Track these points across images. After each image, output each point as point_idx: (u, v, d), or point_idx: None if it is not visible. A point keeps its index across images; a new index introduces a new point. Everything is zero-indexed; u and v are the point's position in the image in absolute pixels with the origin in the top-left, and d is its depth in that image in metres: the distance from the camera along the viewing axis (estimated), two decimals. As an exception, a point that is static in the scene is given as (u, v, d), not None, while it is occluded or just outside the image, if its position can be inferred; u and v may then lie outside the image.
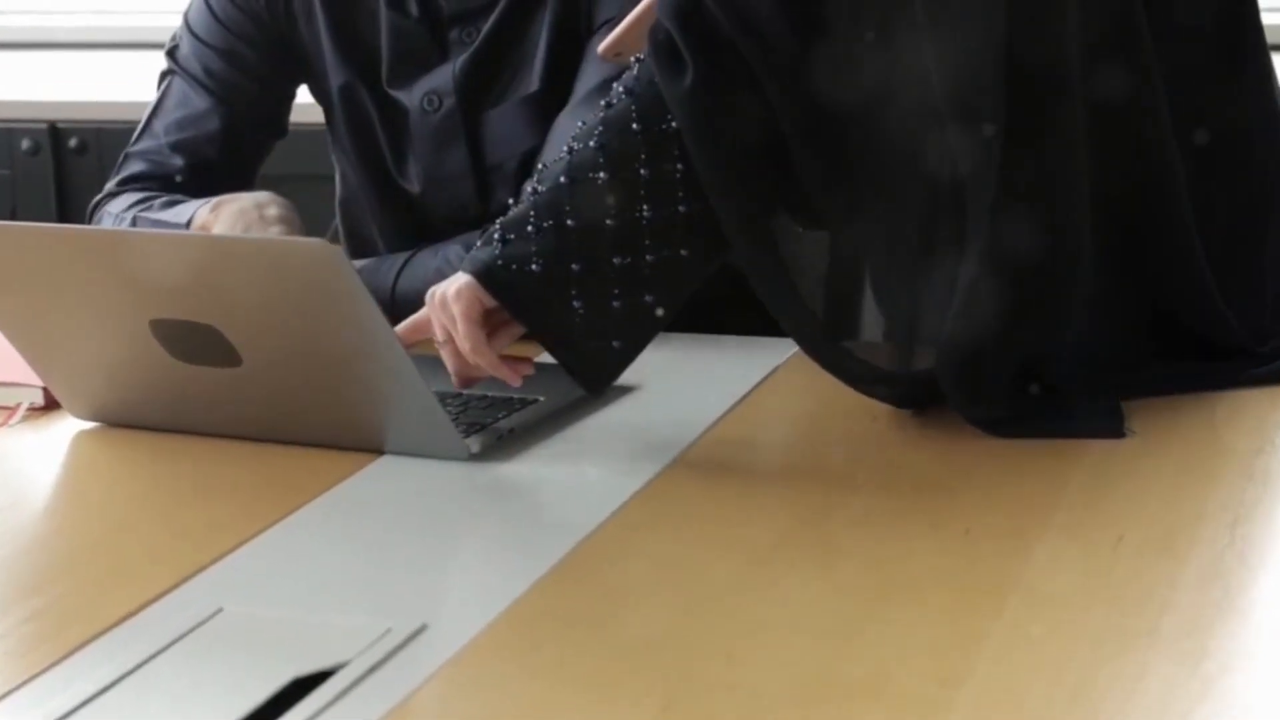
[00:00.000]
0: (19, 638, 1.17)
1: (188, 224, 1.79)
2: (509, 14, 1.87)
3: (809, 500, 1.37)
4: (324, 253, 1.34)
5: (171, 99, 1.95)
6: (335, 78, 1.92)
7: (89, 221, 1.90)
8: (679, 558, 1.27)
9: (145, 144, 1.94)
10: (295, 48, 1.94)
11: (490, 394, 1.55)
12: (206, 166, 1.91)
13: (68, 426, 1.57)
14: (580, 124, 1.50)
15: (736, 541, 1.30)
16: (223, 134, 1.92)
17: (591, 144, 1.45)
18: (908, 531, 1.30)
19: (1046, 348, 1.47)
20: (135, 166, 1.93)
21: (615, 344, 1.47)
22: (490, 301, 1.45)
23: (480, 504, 1.40)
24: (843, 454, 1.46)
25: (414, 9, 1.89)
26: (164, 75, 1.97)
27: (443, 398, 1.46)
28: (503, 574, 1.24)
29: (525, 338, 1.49)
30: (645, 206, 1.44)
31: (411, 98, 1.90)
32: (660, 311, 1.46)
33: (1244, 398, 1.51)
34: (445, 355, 1.48)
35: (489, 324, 1.46)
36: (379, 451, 1.46)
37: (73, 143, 3.04)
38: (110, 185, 1.93)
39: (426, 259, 1.82)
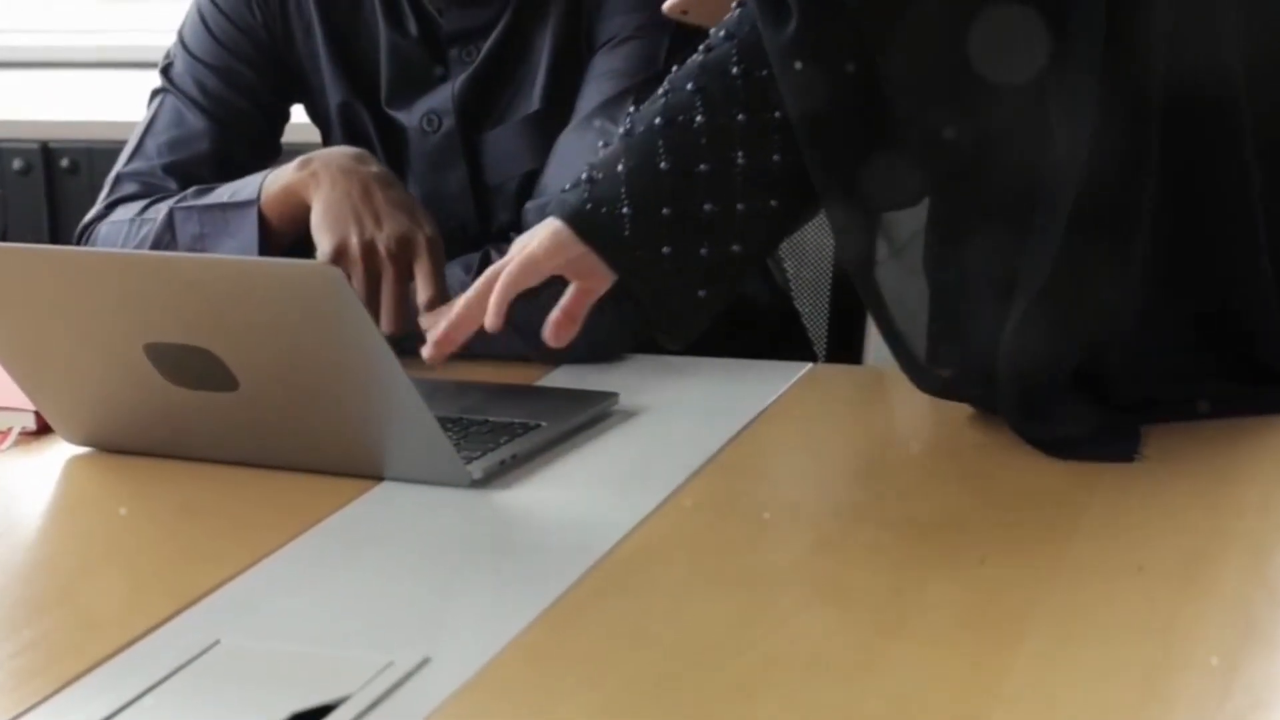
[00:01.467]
0: (9, 672, 1.13)
1: (259, 196, 1.75)
2: (509, 33, 1.84)
3: (820, 530, 1.34)
4: (325, 276, 1.31)
5: (164, 118, 1.92)
6: (333, 96, 1.90)
7: (78, 243, 1.86)
8: (688, 590, 1.24)
9: (137, 164, 1.91)
10: (292, 66, 1.91)
11: (491, 419, 1.51)
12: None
13: (60, 451, 1.53)
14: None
15: (747, 573, 1.26)
16: (217, 155, 1.89)
17: (689, 86, 1.41)
18: (922, 562, 1.27)
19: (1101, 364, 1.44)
20: (127, 188, 1.89)
21: (701, 293, 1.43)
22: (577, 248, 1.40)
23: (483, 533, 1.36)
24: (853, 482, 1.43)
25: (413, 28, 1.87)
26: (156, 93, 1.94)
27: (442, 423, 1.43)
28: (508, 606, 1.21)
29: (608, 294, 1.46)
30: (740, 153, 1.39)
31: (410, 118, 1.87)
32: (747, 262, 1.43)
33: (1265, 422, 1.48)
34: (462, 300, 1.42)
35: (572, 274, 1.42)
36: (378, 478, 1.43)
37: (64, 163, 3.01)
38: (99, 207, 1.89)
39: (425, 281, 1.78)
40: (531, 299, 1.72)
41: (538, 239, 1.42)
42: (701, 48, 1.44)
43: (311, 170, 1.73)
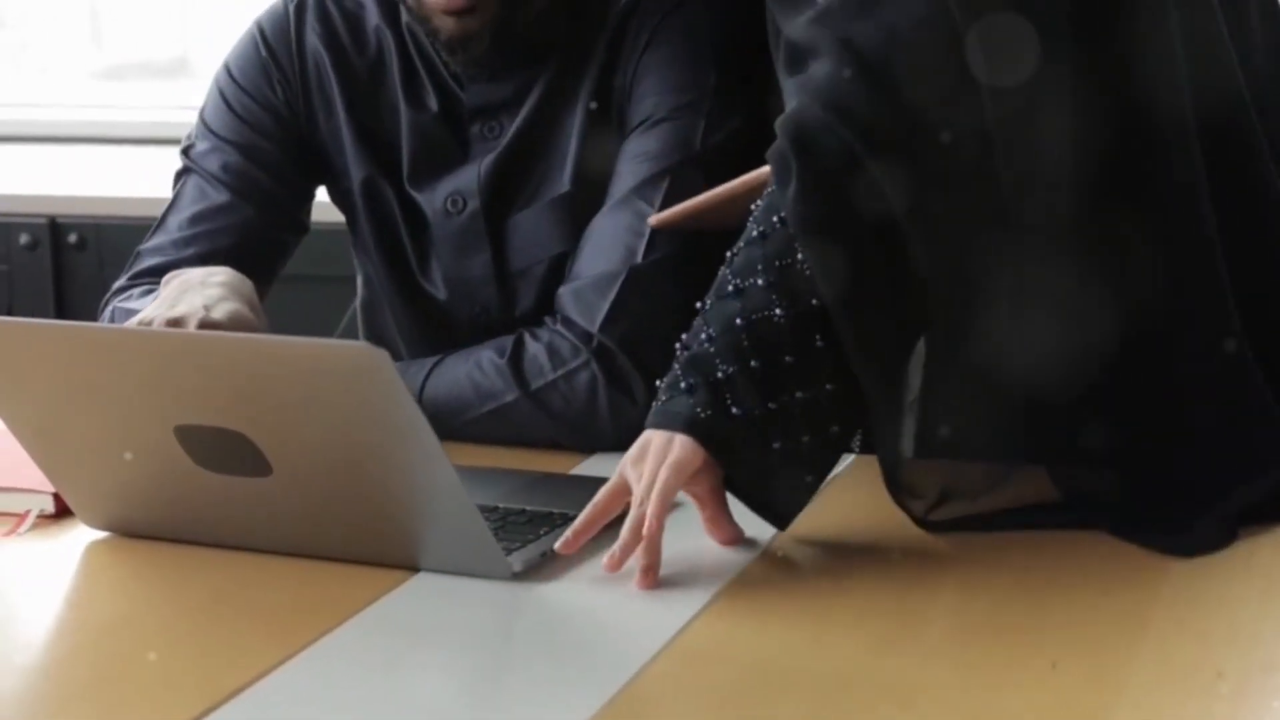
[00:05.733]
0: (35, 772, 1.07)
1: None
2: (537, 113, 1.80)
3: (879, 629, 1.28)
4: (368, 357, 1.25)
5: (188, 195, 1.88)
6: (356, 173, 1.86)
7: (99, 319, 1.81)
8: (742, 693, 1.18)
9: (158, 240, 1.87)
10: (315, 146, 1.87)
11: (528, 508, 1.46)
12: (221, 262, 1.83)
13: (80, 536, 1.48)
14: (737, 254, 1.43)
15: (803, 676, 1.21)
16: (239, 229, 1.84)
17: (760, 283, 1.39)
18: (990, 665, 1.21)
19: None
20: (147, 262, 1.85)
21: (809, 478, 1.41)
22: (699, 455, 1.38)
23: (525, 629, 1.31)
24: (911, 576, 1.38)
25: (433, 104, 1.83)
26: (179, 175, 1.90)
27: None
28: (553, 710, 1.15)
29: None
30: (819, 336, 1.38)
31: (434, 199, 1.83)
32: (845, 439, 1.42)
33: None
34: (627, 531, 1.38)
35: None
36: (413, 568, 1.37)
37: (72, 238, 2.97)
38: (121, 280, 1.85)
39: (456, 364, 1.74)
40: (567, 383, 1.68)
41: (673, 441, 1.39)
42: (756, 233, 1.42)
43: (163, 282, 1.69)
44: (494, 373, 1.71)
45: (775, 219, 1.41)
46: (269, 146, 1.87)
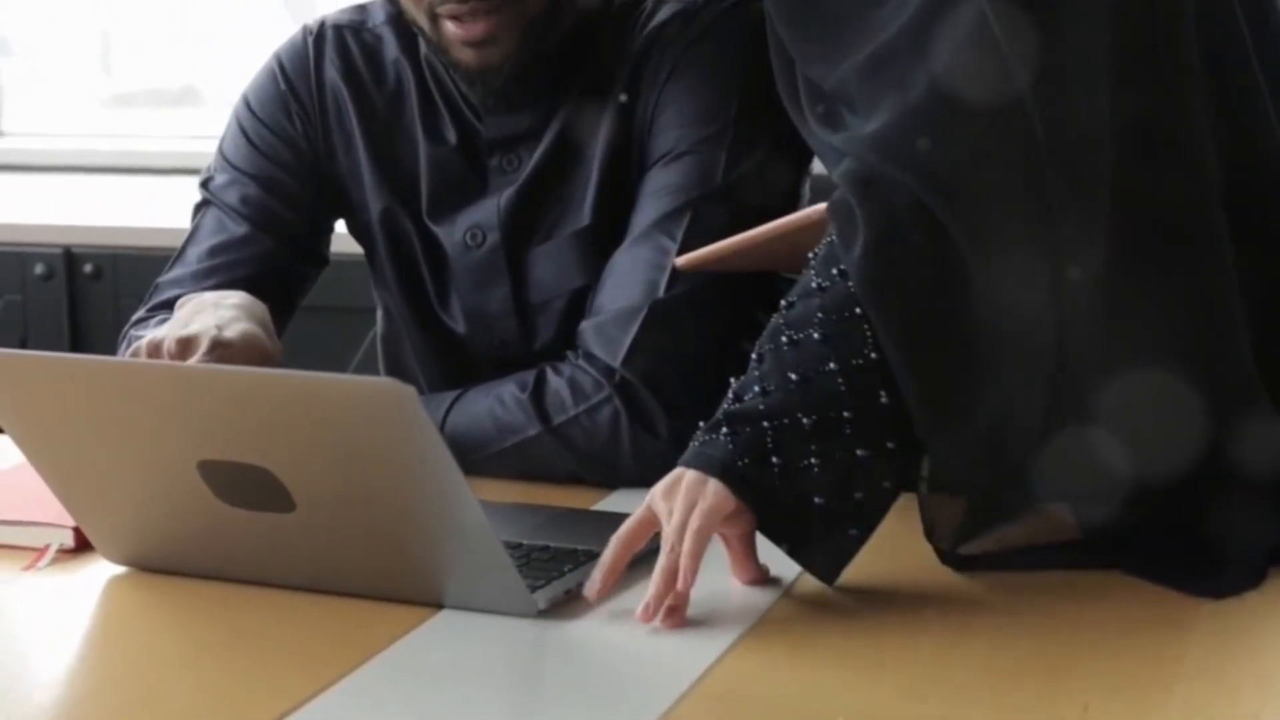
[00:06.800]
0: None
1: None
2: (557, 146, 1.80)
3: (908, 672, 1.27)
4: (395, 393, 1.24)
5: (206, 228, 1.87)
6: (375, 205, 1.85)
7: (117, 351, 1.81)
8: (774, 734, 1.17)
9: (177, 272, 1.86)
10: (334, 180, 1.87)
11: (552, 545, 1.45)
12: None
13: (100, 571, 1.47)
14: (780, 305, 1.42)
15: (832, 718, 1.19)
16: (259, 261, 1.84)
17: (816, 335, 1.38)
18: (1021, 709, 1.20)
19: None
20: (165, 294, 1.84)
21: (852, 531, 1.39)
22: (731, 503, 1.36)
23: (552, 668, 1.30)
24: (938, 620, 1.36)
25: (452, 136, 1.82)
26: (198, 207, 1.89)
27: (503, 549, 1.36)
28: (584, 749, 1.14)
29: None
30: (883, 393, 1.36)
31: (454, 232, 1.82)
32: (896, 494, 1.40)
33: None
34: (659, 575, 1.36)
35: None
36: (438, 605, 1.36)
37: (88, 269, 2.96)
38: (140, 312, 1.84)
39: (477, 398, 1.73)
40: (590, 418, 1.67)
41: (705, 484, 1.37)
42: (814, 285, 1.40)
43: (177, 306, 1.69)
44: (516, 407, 1.70)
45: (835, 271, 1.39)
46: (288, 179, 1.86)
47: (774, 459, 1.36)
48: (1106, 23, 1.36)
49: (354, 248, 1.91)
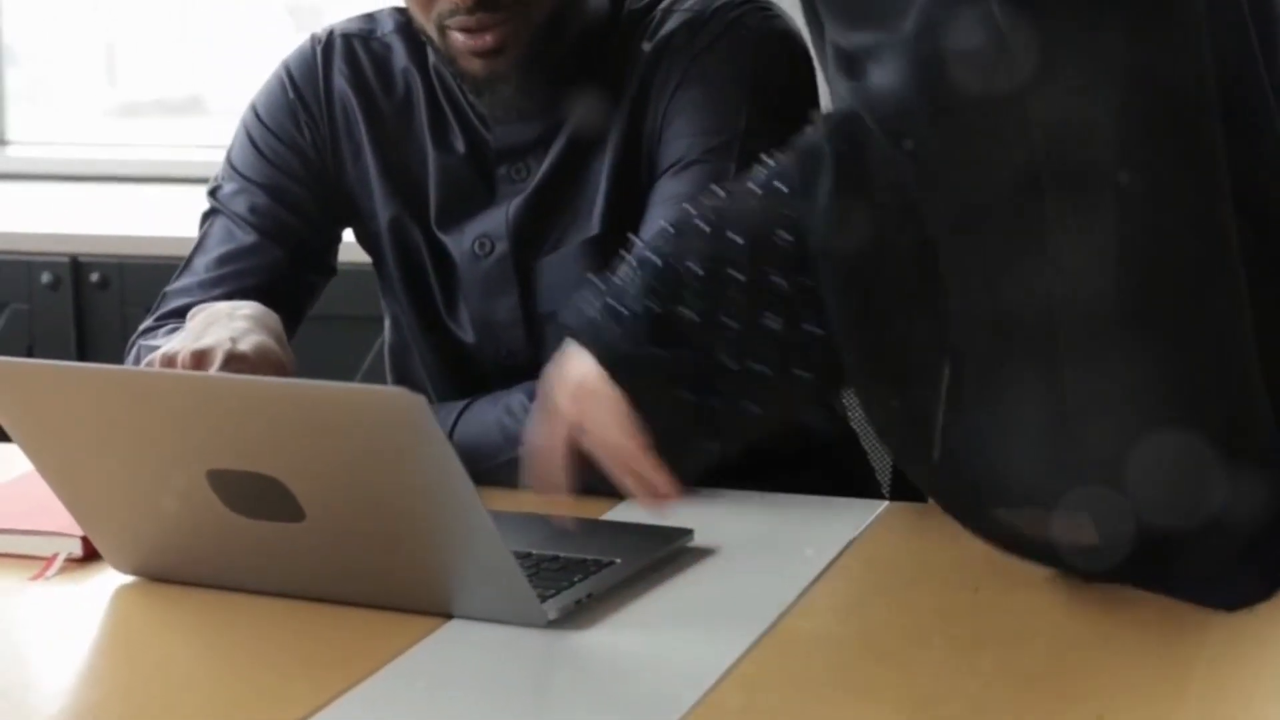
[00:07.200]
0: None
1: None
2: (566, 156, 1.79)
3: (918, 685, 1.26)
4: (405, 402, 1.24)
5: (214, 237, 1.87)
6: (384, 214, 1.85)
7: (125, 360, 1.80)
8: (788, 744, 1.17)
9: (185, 281, 1.86)
10: (342, 187, 1.87)
11: (562, 555, 1.45)
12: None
13: (108, 580, 1.46)
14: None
15: (848, 726, 1.19)
16: (267, 270, 1.83)
17: (740, 241, 1.36)
18: (1035, 717, 1.19)
19: None
20: (173, 303, 1.84)
21: (712, 445, 1.39)
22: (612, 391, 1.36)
23: (562, 678, 1.29)
24: (948, 630, 1.36)
25: (460, 145, 1.82)
26: (206, 216, 1.89)
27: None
28: (595, 759, 1.14)
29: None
30: (772, 317, 1.35)
31: (462, 241, 1.82)
32: (766, 423, 1.39)
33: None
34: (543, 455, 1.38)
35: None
36: (446, 615, 1.36)
37: (94, 277, 2.96)
38: (148, 322, 1.84)
39: (485, 408, 1.73)
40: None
41: (594, 376, 1.37)
42: (759, 189, 1.39)
43: (189, 315, 1.70)
44: (524, 417, 1.69)
45: (780, 185, 1.38)
46: (296, 188, 1.86)
47: (655, 349, 1.36)
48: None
49: (362, 257, 1.91)
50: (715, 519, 1.56)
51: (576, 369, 1.39)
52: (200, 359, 1.56)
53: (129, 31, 3.80)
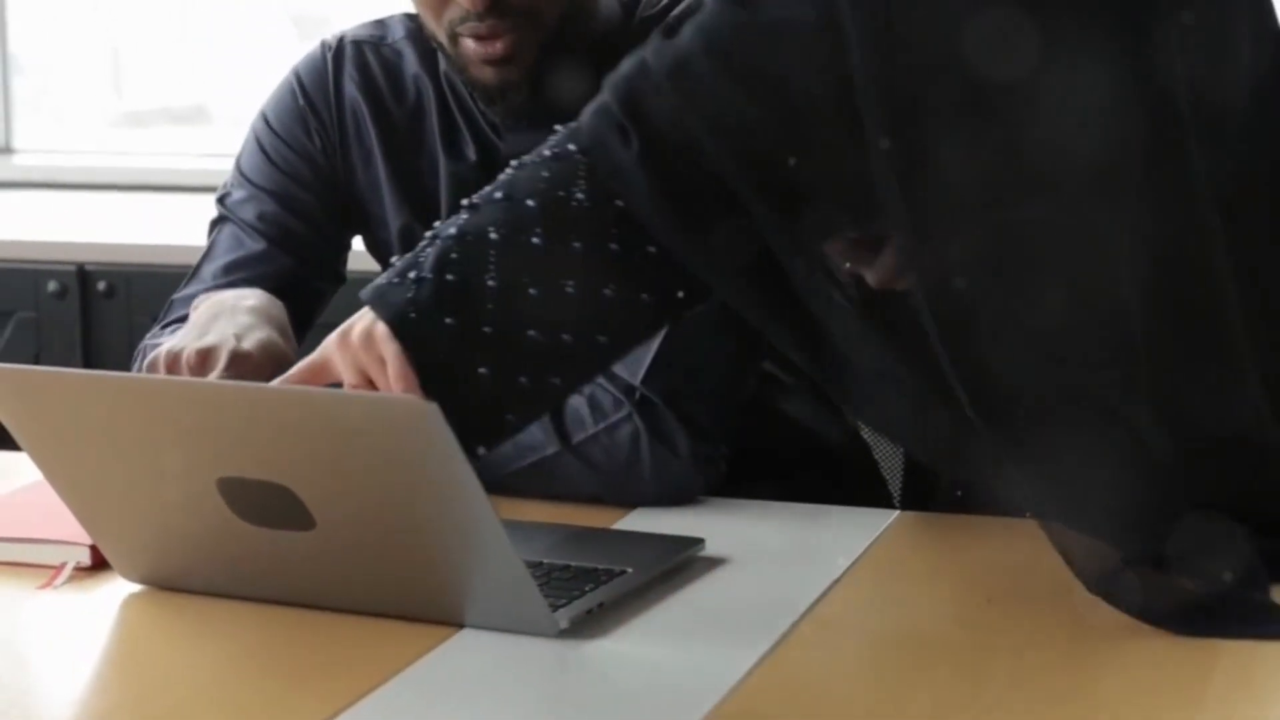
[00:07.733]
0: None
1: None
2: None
3: (929, 697, 1.25)
4: (418, 410, 1.23)
5: (222, 244, 1.86)
6: (394, 222, 1.84)
7: (132, 368, 1.80)
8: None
9: (193, 288, 1.85)
10: (353, 195, 1.86)
11: (573, 564, 1.44)
12: None
13: (116, 589, 1.45)
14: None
15: (859, 736, 1.19)
16: (275, 278, 1.82)
17: (531, 204, 1.36)
18: (1051, 731, 1.19)
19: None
20: (179, 311, 1.83)
21: (510, 417, 1.38)
22: (392, 346, 1.35)
23: (574, 688, 1.29)
24: (960, 642, 1.35)
25: (471, 153, 1.82)
26: (214, 223, 1.88)
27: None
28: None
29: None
30: (571, 283, 1.35)
31: (472, 249, 1.81)
32: (564, 394, 1.40)
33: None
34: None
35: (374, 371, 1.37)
36: (458, 624, 1.35)
37: (101, 286, 2.95)
38: (155, 329, 1.83)
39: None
40: (609, 437, 1.65)
41: (379, 331, 1.36)
42: (549, 154, 1.39)
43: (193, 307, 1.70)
44: (535, 426, 1.68)
45: (574, 147, 1.38)
46: (306, 195, 1.86)
47: (448, 319, 1.35)
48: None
49: (371, 265, 1.89)
50: (727, 528, 1.56)
51: (359, 324, 1.38)
52: (204, 358, 1.56)
53: (134, 40, 3.80)
